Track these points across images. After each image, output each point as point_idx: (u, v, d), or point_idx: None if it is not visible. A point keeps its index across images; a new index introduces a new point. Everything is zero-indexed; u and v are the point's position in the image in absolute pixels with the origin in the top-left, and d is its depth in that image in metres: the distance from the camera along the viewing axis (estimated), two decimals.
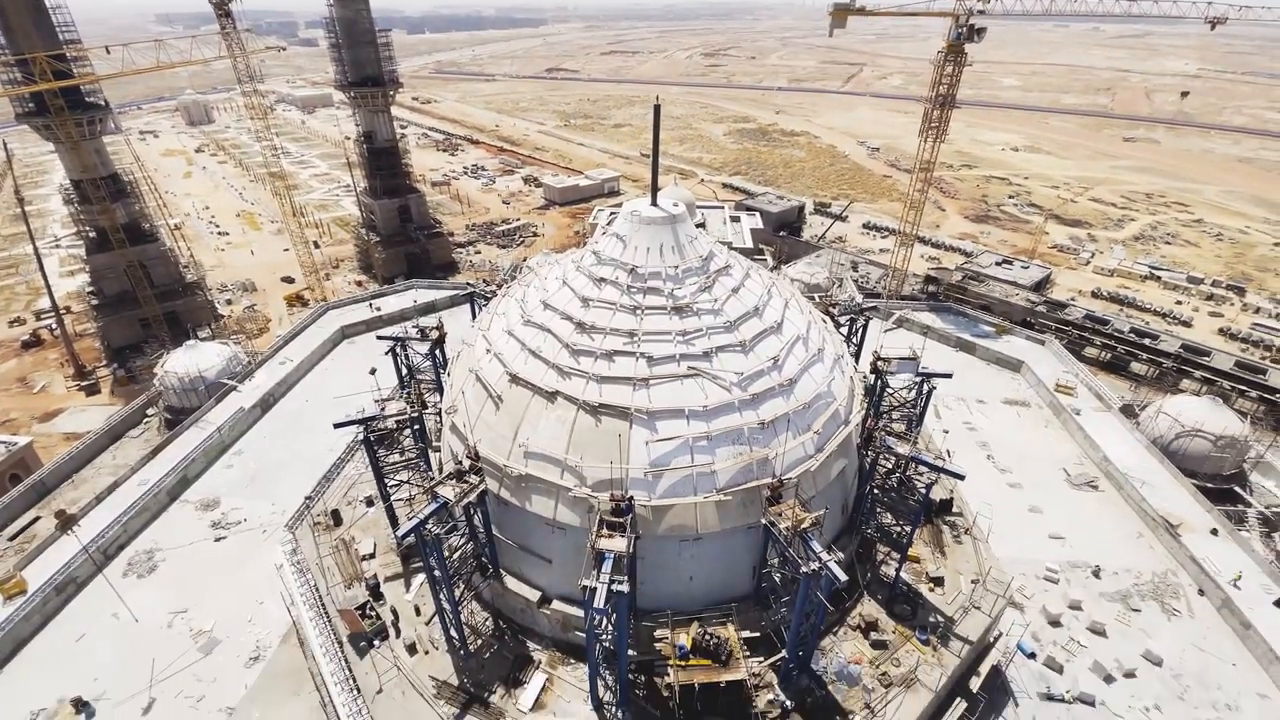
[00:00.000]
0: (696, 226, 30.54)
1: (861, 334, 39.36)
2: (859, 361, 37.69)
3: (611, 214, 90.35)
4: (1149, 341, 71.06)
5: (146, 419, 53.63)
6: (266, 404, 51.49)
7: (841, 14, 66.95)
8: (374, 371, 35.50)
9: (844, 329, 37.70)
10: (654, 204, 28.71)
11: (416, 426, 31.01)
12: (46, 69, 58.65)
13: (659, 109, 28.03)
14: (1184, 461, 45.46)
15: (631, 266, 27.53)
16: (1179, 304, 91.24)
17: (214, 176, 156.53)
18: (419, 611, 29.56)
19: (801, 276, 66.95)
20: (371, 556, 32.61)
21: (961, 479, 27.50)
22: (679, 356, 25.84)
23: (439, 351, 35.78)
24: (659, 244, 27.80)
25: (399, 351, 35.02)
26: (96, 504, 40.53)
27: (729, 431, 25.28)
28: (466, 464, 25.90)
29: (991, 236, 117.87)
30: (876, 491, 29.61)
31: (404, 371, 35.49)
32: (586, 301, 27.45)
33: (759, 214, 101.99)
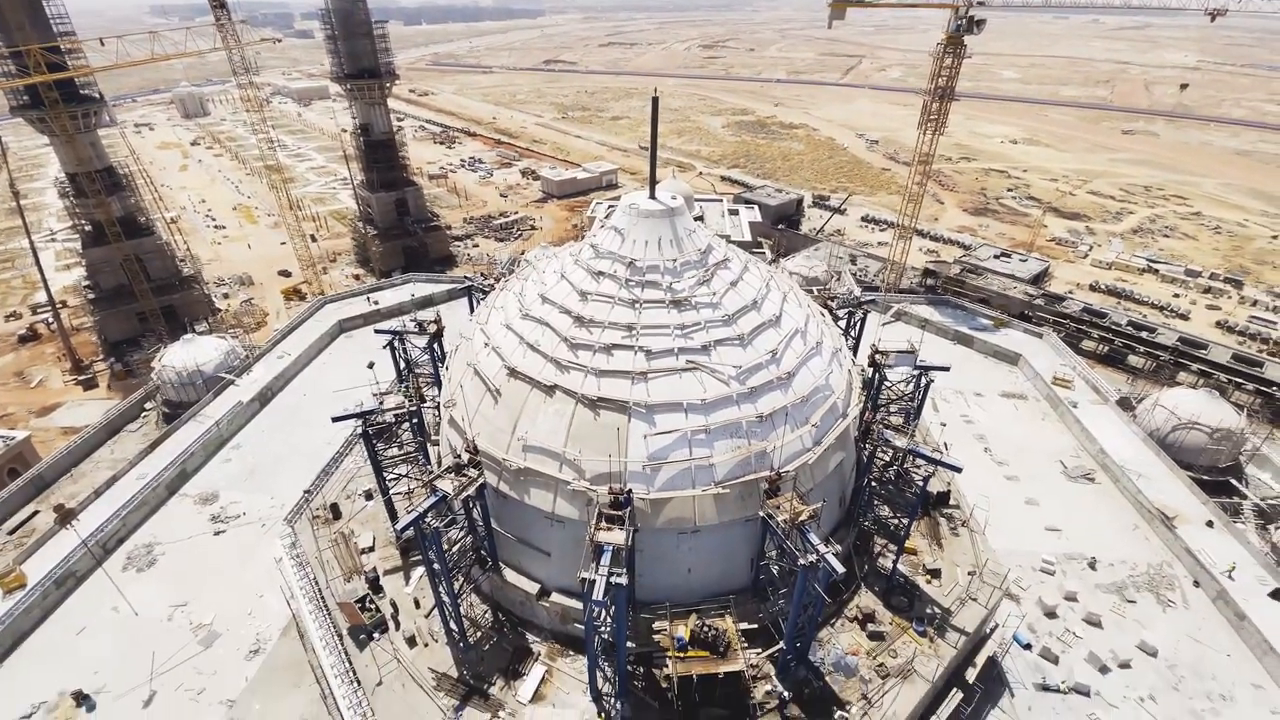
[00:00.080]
0: (695, 220, 30.48)
1: (860, 327, 39.39)
2: (857, 355, 37.72)
3: (609, 207, 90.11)
4: (1146, 334, 71.19)
5: (144, 413, 53.59)
6: (265, 398, 51.45)
7: (840, 5, 66.54)
8: (372, 365, 35.46)
9: (842, 322, 37.72)
10: (652, 197, 28.67)
11: (415, 420, 31.01)
12: (41, 61, 58.26)
13: (657, 101, 27.92)
14: (1180, 454, 45.65)
15: (630, 260, 27.50)
16: (1176, 297, 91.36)
17: (210, 170, 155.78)
18: (418, 604, 29.69)
19: (800, 270, 66.89)
20: (371, 550, 32.72)
21: (959, 471, 27.61)
22: (677, 350, 25.86)
23: (437, 345, 35.77)
24: (657, 237, 27.77)
25: (397, 345, 35.01)
26: (95, 498, 40.53)
27: (727, 425, 25.34)
28: (465, 458, 25.95)
29: (990, 229, 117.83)
30: (874, 484, 29.72)
31: (402, 365, 35.49)
32: (585, 295, 27.43)
33: (757, 207, 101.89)
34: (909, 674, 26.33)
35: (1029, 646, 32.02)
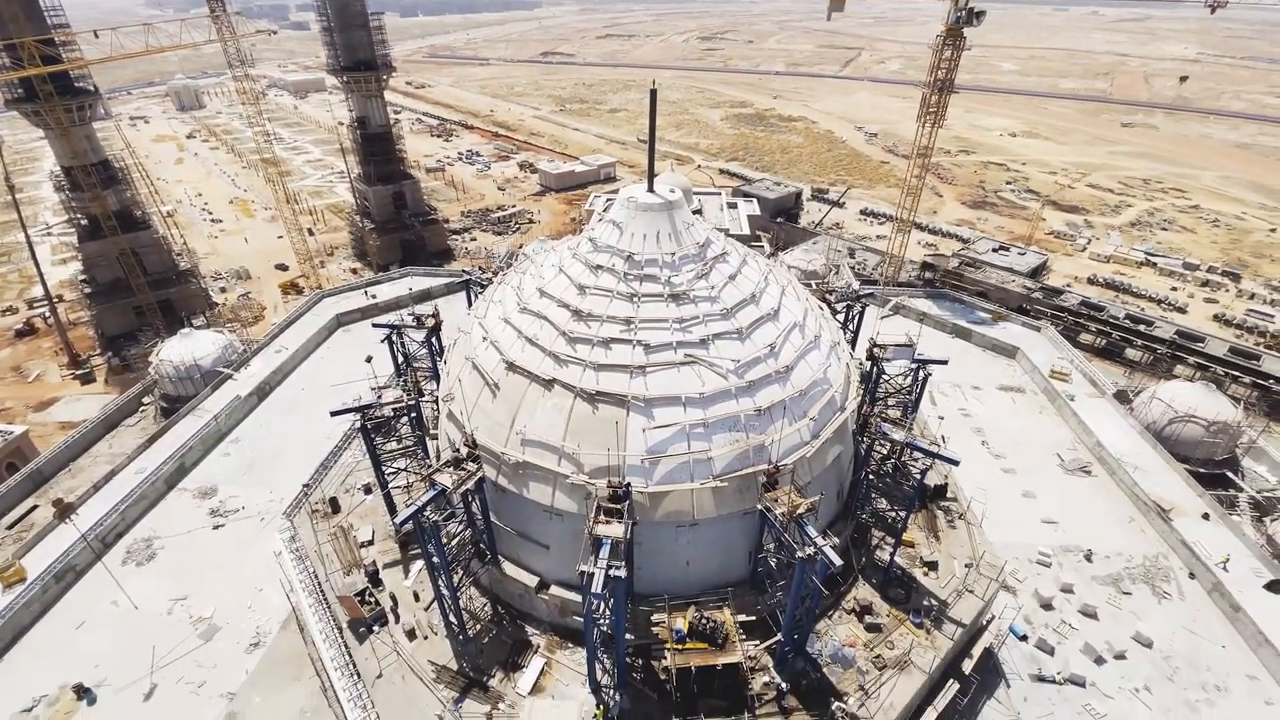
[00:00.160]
0: (693, 213, 30.44)
1: (858, 321, 39.40)
2: (855, 348, 37.76)
3: (608, 200, 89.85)
4: (1144, 328, 71.27)
5: (142, 407, 53.53)
6: (263, 392, 51.43)
7: None
8: (370, 359, 35.40)
9: (840, 316, 37.72)
10: (650, 190, 28.58)
11: (413, 414, 31.04)
12: (35, 54, 57.79)
13: (655, 93, 27.84)
14: (1177, 447, 45.80)
15: (628, 253, 27.46)
16: (1174, 290, 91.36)
17: (206, 163, 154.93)
18: (418, 597, 29.79)
19: (798, 263, 66.85)
20: (370, 543, 32.80)
21: (956, 464, 27.74)
22: (676, 344, 25.86)
23: (435, 339, 35.75)
24: (656, 231, 27.71)
25: (395, 339, 34.96)
26: (94, 492, 40.55)
27: (726, 418, 25.38)
28: (464, 451, 25.98)
29: (988, 223, 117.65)
30: (872, 477, 29.83)
31: (400, 359, 35.45)
32: (583, 289, 27.40)
33: (756, 200, 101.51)
34: (906, 665, 26.51)
35: (1025, 638, 32.25)
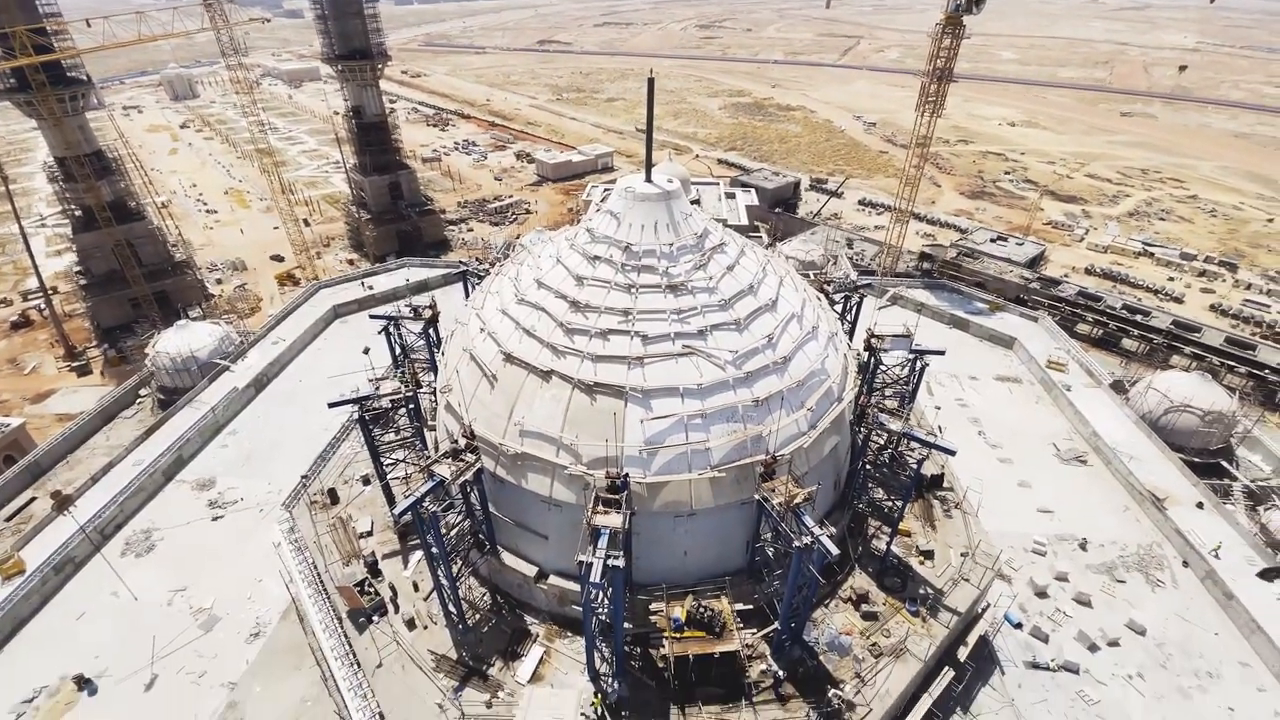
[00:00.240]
0: (691, 203, 30.34)
1: (856, 311, 39.44)
2: (853, 339, 37.83)
3: (605, 190, 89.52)
4: (1140, 318, 71.38)
5: (139, 399, 53.47)
6: (260, 384, 51.35)
7: None
8: (367, 351, 35.50)
9: (838, 306, 37.76)
10: (648, 180, 28.47)
11: (411, 406, 31.02)
12: (27, 43, 57.18)
13: (653, 82, 27.68)
14: (1172, 436, 46.04)
15: (626, 244, 27.39)
16: (1171, 280, 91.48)
17: (200, 153, 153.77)
18: (417, 587, 29.93)
19: (796, 254, 66.69)
20: (369, 534, 32.90)
21: (953, 454, 27.84)
22: (674, 335, 25.87)
23: (433, 330, 35.70)
24: (653, 221, 27.64)
25: (392, 330, 34.92)
26: (92, 484, 40.57)
27: (723, 409, 25.44)
28: (462, 443, 26.01)
29: (987, 213, 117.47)
30: (869, 467, 29.95)
31: (398, 351, 35.43)
32: (581, 280, 27.35)
33: (754, 190, 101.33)
34: (902, 653, 26.76)
35: (1020, 626, 32.53)
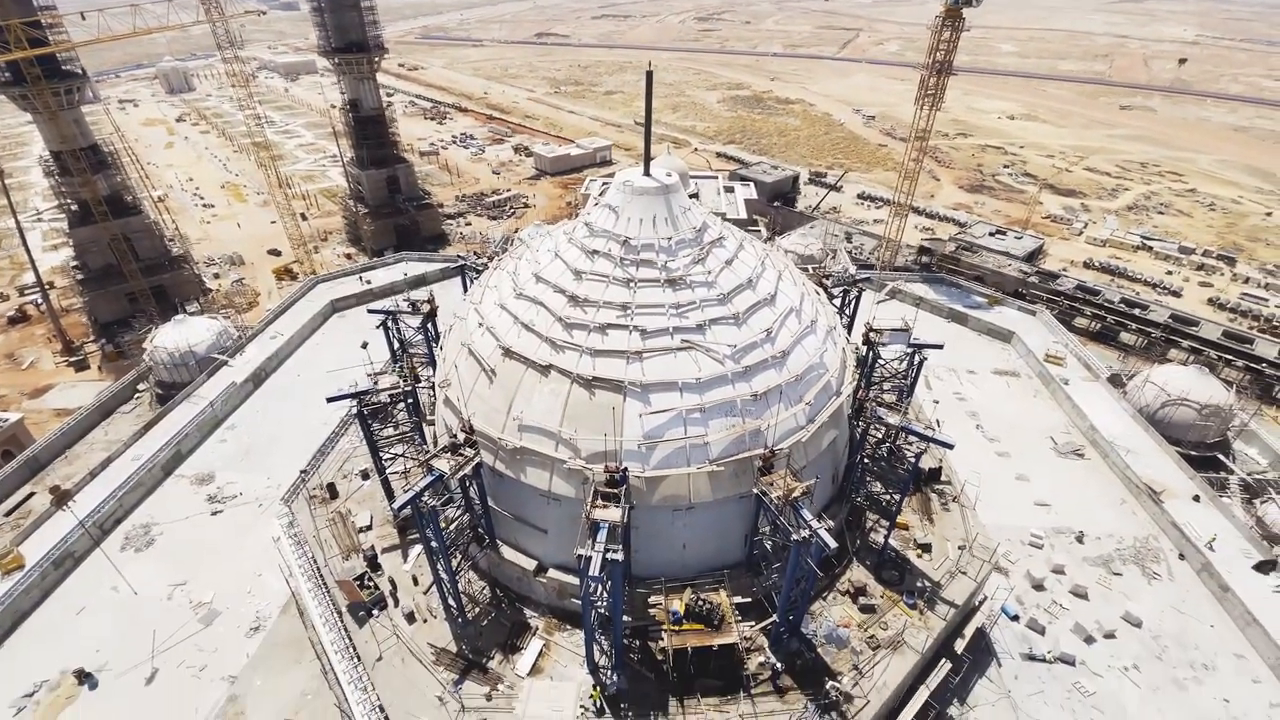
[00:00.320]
0: (690, 197, 30.28)
1: (854, 305, 39.42)
2: (851, 333, 37.84)
3: (604, 184, 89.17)
4: (1138, 312, 71.49)
5: (137, 394, 53.39)
6: (258, 378, 51.30)
7: None
8: (366, 345, 35.37)
9: (837, 300, 37.73)
10: (647, 174, 28.39)
11: (410, 400, 31.03)
12: (21, 36, 56.75)
13: (651, 75, 27.57)
14: (1169, 430, 46.16)
15: (624, 238, 27.34)
16: (1169, 274, 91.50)
17: (196, 147, 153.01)
18: (417, 581, 30.02)
19: (795, 248, 66.65)
20: (368, 528, 32.98)
21: (950, 448, 27.87)
22: (672, 329, 25.87)
23: (431, 325, 35.62)
24: (652, 215, 27.57)
25: (390, 325, 34.85)
26: (90, 479, 40.54)
27: (722, 403, 25.47)
28: (461, 437, 26.03)
29: (986, 207, 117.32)
30: (867, 461, 30.01)
31: (396, 345, 35.38)
32: (579, 274, 27.32)
33: (753, 184, 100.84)
34: (899, 645, 26.90)
35: (1017, 618, 32.71)
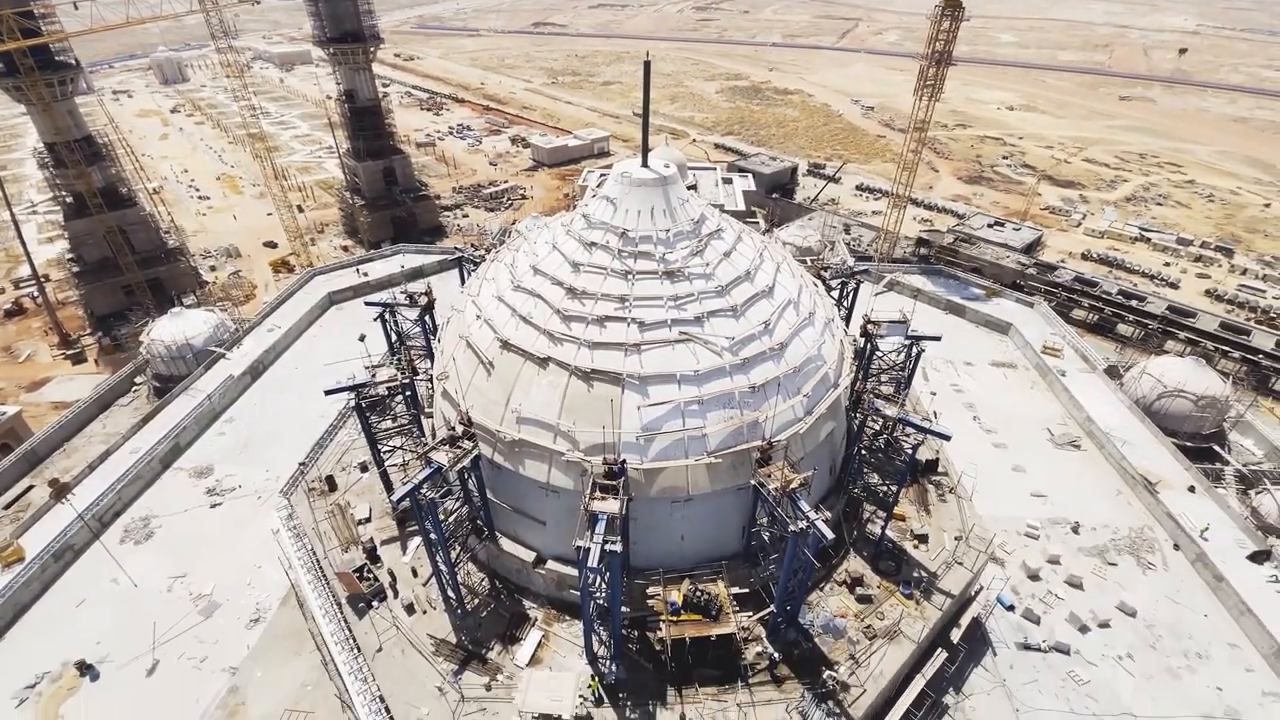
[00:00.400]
0: (688, 189, 30.18)
1: (852, 297, 39.41)
2: (849, 325, 37.87)
3: (601, 176, 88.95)
4: (1136, 303, 71.59)
5: (135, 387, 53.32)
6: (256, 371, 51.26)
7: None
8: (363, 338, 35.38)
9: (835, 292, 37.73)
10: (645, 165, 28.27)
11: (408, 393, 31.04)
12: (14, 27, 56.20)
13: (649, 66, 27.39)
14: (1165, 421, 46.33)
15: (622, 230, 27.28)
16: (1167, 266, 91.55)
17: (191, 138, 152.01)
18: (416, 573, 30.12)
19: (794, 239, 66.52)
20: (368, 521, 33.04)
21: (947, 440, 28.02)
22: (670, 321, 25.85)
23: (428, 317, 35.58)
24: (650, 207, 27.50)
25: (388, 318, 34.80)
26: (89, 472, 40.57)
27: (720, 395, 25.51)
28: (459, 429, 26.06)
29: (984, 198, 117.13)
30: (864, 452, 30.11)
31: (394, 338, 35.34)
32: (577, 266, 27.26)
33: (751, 175, 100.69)
34: (895, 635, 27.11)
35: (1012, 608, 32.96)
